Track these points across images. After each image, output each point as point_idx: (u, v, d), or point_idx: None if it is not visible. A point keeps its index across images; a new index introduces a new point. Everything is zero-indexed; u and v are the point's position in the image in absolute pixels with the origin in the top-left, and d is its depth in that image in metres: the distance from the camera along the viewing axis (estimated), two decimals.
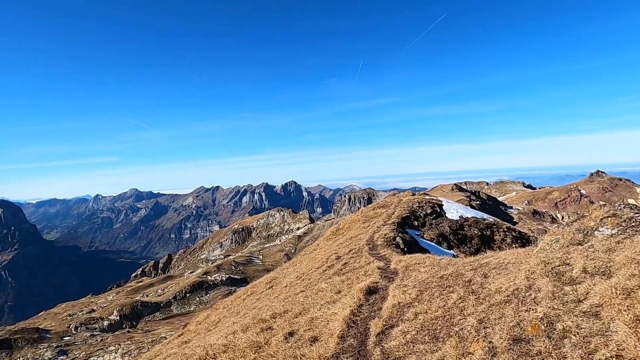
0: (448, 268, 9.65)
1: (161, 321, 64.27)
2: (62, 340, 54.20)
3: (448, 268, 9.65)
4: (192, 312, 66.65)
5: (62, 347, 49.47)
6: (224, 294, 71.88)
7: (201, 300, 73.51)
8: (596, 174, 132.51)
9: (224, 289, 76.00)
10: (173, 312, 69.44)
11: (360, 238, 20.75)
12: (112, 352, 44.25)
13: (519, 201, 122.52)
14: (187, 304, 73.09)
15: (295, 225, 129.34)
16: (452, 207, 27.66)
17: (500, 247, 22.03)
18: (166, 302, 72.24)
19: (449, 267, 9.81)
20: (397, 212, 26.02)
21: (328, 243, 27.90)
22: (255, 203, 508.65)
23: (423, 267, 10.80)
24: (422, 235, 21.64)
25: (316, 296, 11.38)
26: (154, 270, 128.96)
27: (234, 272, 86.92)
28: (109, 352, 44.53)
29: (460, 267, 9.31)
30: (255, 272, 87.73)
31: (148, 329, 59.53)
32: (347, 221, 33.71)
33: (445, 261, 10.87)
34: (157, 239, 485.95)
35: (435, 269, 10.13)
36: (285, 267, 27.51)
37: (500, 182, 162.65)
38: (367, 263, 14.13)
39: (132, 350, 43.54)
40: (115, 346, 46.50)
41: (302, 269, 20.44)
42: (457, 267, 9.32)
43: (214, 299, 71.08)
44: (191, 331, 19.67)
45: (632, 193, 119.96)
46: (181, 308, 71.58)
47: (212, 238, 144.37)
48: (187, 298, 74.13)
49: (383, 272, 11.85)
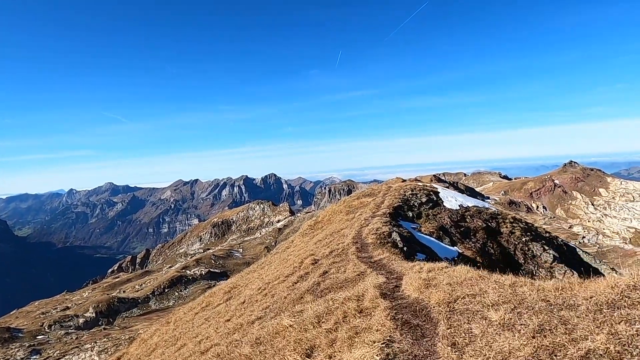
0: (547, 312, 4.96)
1: (139, 317, 63.16)
2: (35, 339, 52.59)
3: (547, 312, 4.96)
4: (172, 307, 65.71)
5: (35, 347, 47.99)
6: (203, 288, 71.10)
7: (180, 295, 72.51)
8: (569, 165, 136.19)
9: (203, 283, 75.16)
10: (151, 308, 68.29)
11: (344, 234, 16.83)
12: (88, 350, 43.17)
13: (496, 191, 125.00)
14: (166, 299, 71.95)
15: (276, 217, 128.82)
16: (450, 195, 24.45)
17: (508, 240, 19.67)
18: (144, 298, 70.96)
19: (541, 307, 5.14)
20: (387, 201, 22.41)
21: (304, 240, 24.10)
22: (235, 196, 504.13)
23: (489, 309, 5.50)
24: (420, 228, 18.64)
25: (273, 344, 6.70)
26: (131, 265, 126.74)
27: (214, 266, 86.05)
28: (85, 350, 43.43)
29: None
30: (235, 265, 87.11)
31: (125, 325, 58.43)
32: (327, 213, 29.21)
33: (526, 292, 5.75)
34: (134, 234, 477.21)
35: (525, 314, 5.07)
36: (252, 270, 23.57)
37: (478, 173, 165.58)
38: (358, 274, 9.82)
39: (108, 347, 42.59)
40: (91, 344, 45.40)
41: (268, 274, 16.97)
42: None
43: (193, 293, 70.27)
44: (131, 355, 17.12)
45: (602, 183, 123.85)
46: (160, 303, 70.43)
47: (191, 232, 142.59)
48: (166, 293, 72.95)
49: (394, 305, 6.63)
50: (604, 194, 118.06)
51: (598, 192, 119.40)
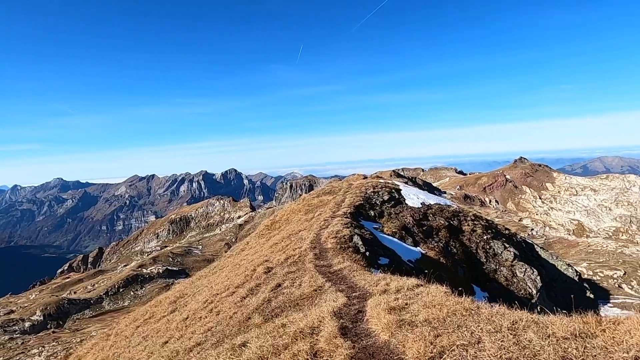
0: None
1: (91, 319, 60.53)
2: None
3: None
4: (127, 307, 63.50)
5: None
6: (161, 286, 69.18)
7: (136, 294, 70.16)
8: (519, 160, 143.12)
9: (161, 282, 73.08)
10: (105, 309, 65.61)
11: (302, 236, 15.70)
12: (36, 355, 40.88)
13: (452, 186, 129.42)
14: (121, 299, 69.41)
15: (236, 213, 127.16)
16: (412, 193, 23.83)
17: (470, 239, 19.44)
18: (97, 299, 68.09)
19: None
20: (348, 200, 21.49)
21: (260, 242, 22.62)
22: (194, 192, 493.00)
23: None
24: (382, 228, 17.88)
25: None
26: (83, 265, 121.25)
27: (172, 264, 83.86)
28: (31, 355, 41.09)
29: None
30: (194, 262, 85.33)
31: (77, 327, 55.83)
32: (285, 212, 27.70)
33: (535, 342, 4.26)
34: (86, 232, 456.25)
35: None
36: (203, 275, 22.18)
37: (435, 169, 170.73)
38: (315, 289, 8.62)
39: (58, 351, 40.53)
40: (38, 348, 43.00)
41: (218, 283, 15.59)
42: None
43: (150, 292, 68.23)
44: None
45: (549, 178, 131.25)
46: (114, 304, 67.85)
47: (147, 229, 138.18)
48: (121, 293, 70.35)
49: (357, 352, 5.09)
50: (551, 189, 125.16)
51: (545, 186, 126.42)
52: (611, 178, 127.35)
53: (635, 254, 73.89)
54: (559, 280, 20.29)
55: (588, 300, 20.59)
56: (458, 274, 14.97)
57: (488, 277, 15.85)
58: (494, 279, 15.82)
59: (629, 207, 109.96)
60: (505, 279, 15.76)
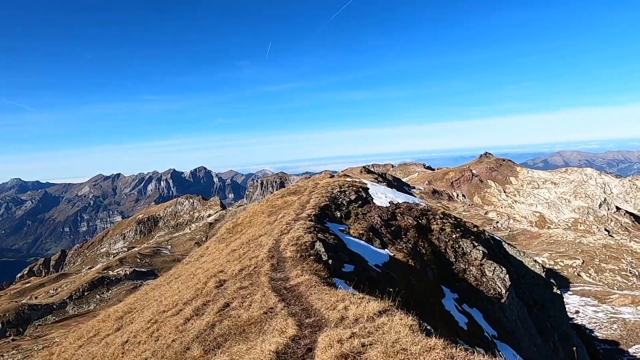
0: None
1: (55, 324, 58.32)
2: None
3: None
4: (92, 311, 61.50)
5: None
6: (128, 289, 67.41)
7: (102, 297, 68.12)
8: (484, 155, 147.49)
9: (128, 284, 71.23)
10: (69, 314, 63.36)
11: (262, 242, 14.69)
12: None
13: (421, 181, 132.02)
14: (86, 303, 67.22)
15: (206, 212, 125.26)
16: (380, 191, 23.08)
17: (439, 238, 19.04)
18: (60, 303, 65.65)
19: None
20: (313, 201, 20.45)
21: (219, 247, 21.34)
22: (162, 191, 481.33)
23: None
24: (348, 230, 17.02)
25: None
26: (44, 268, 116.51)
27: (140, 265, 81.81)
28: None
29: None
30: (163, 263, 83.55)
31: (38, 334, 53.66)
32: (248, 213, 26.25)
33: None
34: (47, 234, 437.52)
35: None
36: (159, 285, 20.93)
37: (404, 164, 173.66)
38: (265, 312, 7.87)
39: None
40: None
41: (168, 296, 14.46)
42: None
43: (117, 295, 66.36)
44: None
45: (513, 172, 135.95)
46: (79, 308, 65.63)
47: (113, 230, 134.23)
48: (86, 297, 68.16)
49: None
50: (514, 182, 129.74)
51: (509, 180, 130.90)
52: (570, 171, 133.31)
53: (592, 244, 77.81)
54: (527, 276, 20.97)
55: (555, 296, 21.41)
56: (427, 276, 15.06)
57: (457, 278, 16.09)
58: (464, 279, 16.06)
59: (587, 199, 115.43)
60: (475, 278, 16.06)
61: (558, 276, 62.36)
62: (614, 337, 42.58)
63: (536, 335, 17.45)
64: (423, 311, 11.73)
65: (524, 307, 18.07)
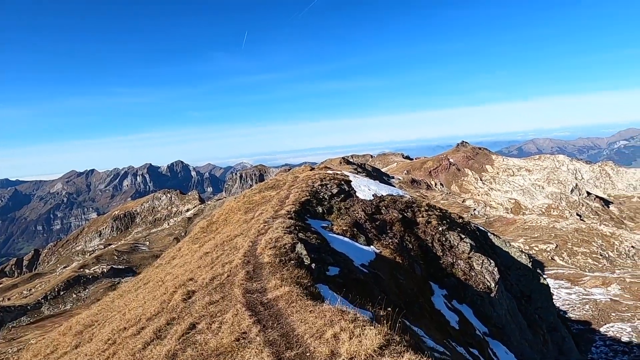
0: None
1: (29, 326, 56.60)
2: None
3: None
4: (69, 310, 60.00)
5: None
6: (106, 286, 66.03)
7: (79, 297, 66.53)
8: (461, 144, 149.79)
9: (106, 282, 69.78)
10: (44, 314, 61.64)
11: (237, 244, 13.47)
12: None
13: (399, 171, 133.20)
14: (62, 302, 65.54)
15: (184, 207, 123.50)
16: (362, 184, 22.25)
17: (425, 231, 18.48)
18: (35, 304, 63.79)
19: None
20: (293, 196, 19.36)
21: (192, 248, 20.01)
22: (139, 186, 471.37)
23: None
24: (332, 227, 16.15)
25: None
26: (17, 269, 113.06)
27: (117, 262, 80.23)
28: None
29: None
30: (142, 259, 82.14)
31: (12, 336, 52.02)
32: (223, 210, 24.83)
33: None
34: (19, 233, 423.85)
35: None
36: (126, 291, 19.51)
37: (383, 155, 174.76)
38: (235, 338, 6.72)
39: None
40: None
41: (132, 309, 13.17)
42: None
43: (94, 293, 64.95)
44: None
45: (488, 160, 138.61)
46: (54, 308, 63.92)
47: (89, 227, 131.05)
48: (62, 296, 66.43)
49: None
50: (490, 170, 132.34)
51: (485, 168, 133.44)
52: (543, 159, 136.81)
53: (565, 228, 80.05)
54: (513, 267, 21.09)
55: (542, 287, 21.63)
56: (415, 273, 14.82)
57: (445, 273, 15.92)
58: (452, 273, 15.89)
59: (559, 185, 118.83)
60: (463, 272, 15.94)
61: (533, 260, 64.04)
62: (586, 318, 44.12)
63: (526, 329, 17.44)
64: (414, 313, 11.48)
65: (513, 300, 17.96)
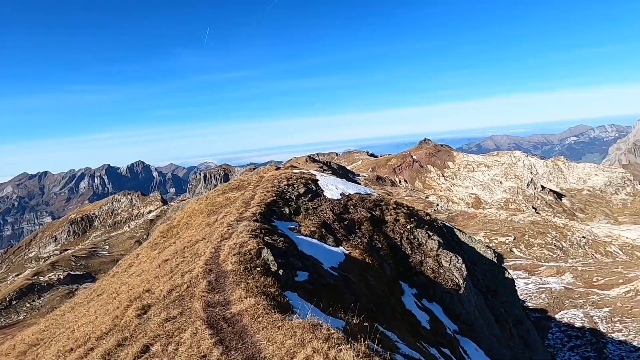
0: None
1: None
2: None
3: None
4: (22, 321, 56.93)
5: None
6: (63, 294, 63.19)
7: (33, 306, 63.32)
8: (424, 142, 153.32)
9: (62, 289, 66.78)
10: None
11: (199, 251, 12.65)
12: None
13: (365, 169, 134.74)
14: (15, 312, 62.21)
15: (146, 208, 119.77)
16: (330, 182, 21.87)
17: (393, 230, 18.36)
18: None
19: None
20: (258, 196, 18.71)
21: (151, 255, 18.99)
22: (97, 188, 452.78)
23: None
24: (299, 228, 15.74)
25: None
26: None
27: (75, 268, 76.88)
28: None
29: None
30: (101, 264, 79.03)
31: None
32: (185, 213, 23.73)
33: None
34: None
35: None
36: (78, 304, 18.38)
37: (348, 152, 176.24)
38: None
39: None
40: None
41: (81, 326, 12.11)
42: None
43: (50, 302, 61.99)
44: None
45: (450, 156, 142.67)
46: (6, 319, 60.57)
47: (43, 232, 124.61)
48: (14, 306, 63.08)
49: None
50: (452, 167, 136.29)
51: (447, 165, 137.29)
52: (501, 155, 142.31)
53: (522, 221, 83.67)
54: (479, 262, 21.69)
55: (506, 281, 22.36)
56: (385, 273, 14.86)
57: (415, 271, 16.09)
58: (421, 271, 16.08)
59: (516, 180, 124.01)
60: (432, 270, 16.17)
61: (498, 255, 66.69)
62: (542, 306, 46.45)
63: (493, 324, 17.90)
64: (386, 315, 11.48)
65: (481, 296, 18.42)
